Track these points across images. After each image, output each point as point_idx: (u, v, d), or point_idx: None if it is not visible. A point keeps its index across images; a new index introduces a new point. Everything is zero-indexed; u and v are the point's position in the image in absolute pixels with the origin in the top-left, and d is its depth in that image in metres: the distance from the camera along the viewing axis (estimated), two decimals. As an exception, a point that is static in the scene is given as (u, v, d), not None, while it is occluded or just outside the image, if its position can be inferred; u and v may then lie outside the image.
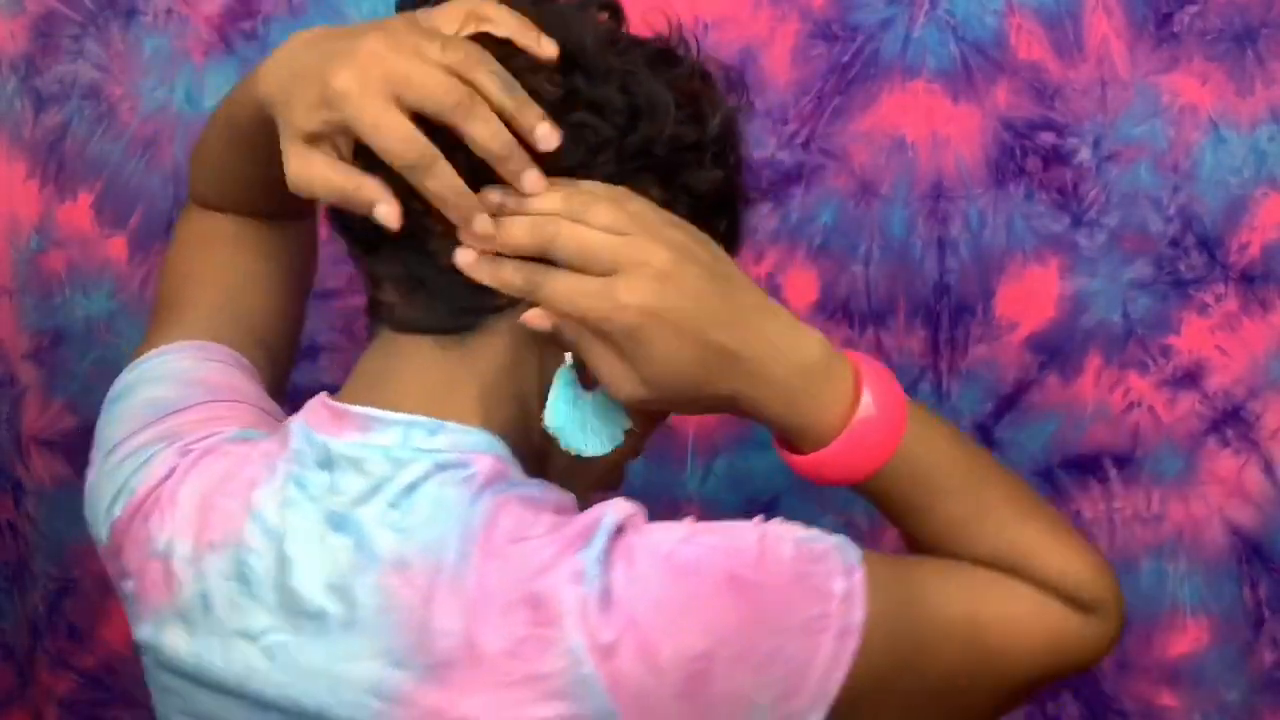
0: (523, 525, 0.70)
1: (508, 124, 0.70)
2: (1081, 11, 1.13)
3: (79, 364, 1.19)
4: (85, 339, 1.18)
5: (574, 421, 0.75)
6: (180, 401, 0.82)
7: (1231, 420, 1.18)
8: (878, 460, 0.76)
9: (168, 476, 0.78)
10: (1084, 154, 1.15)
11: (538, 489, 0.74)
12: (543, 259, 0.72)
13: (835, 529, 1.24)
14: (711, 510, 1.19)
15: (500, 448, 0.74)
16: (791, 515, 1.22)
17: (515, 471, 0.74)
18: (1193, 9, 1.14)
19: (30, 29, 1.13)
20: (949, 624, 0.75)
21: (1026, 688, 0.79)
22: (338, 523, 0.72)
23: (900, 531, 0.83)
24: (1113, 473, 1.19)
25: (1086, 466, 1.19)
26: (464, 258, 0.72)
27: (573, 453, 0.76)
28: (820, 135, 1.14)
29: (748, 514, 1.21)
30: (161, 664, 0.79)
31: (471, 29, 0.73)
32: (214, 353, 0.86)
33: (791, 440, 0.77)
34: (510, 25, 0.73)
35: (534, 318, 0.72)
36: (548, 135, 0.71)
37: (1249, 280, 1.17)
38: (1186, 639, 1.21)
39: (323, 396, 0.78)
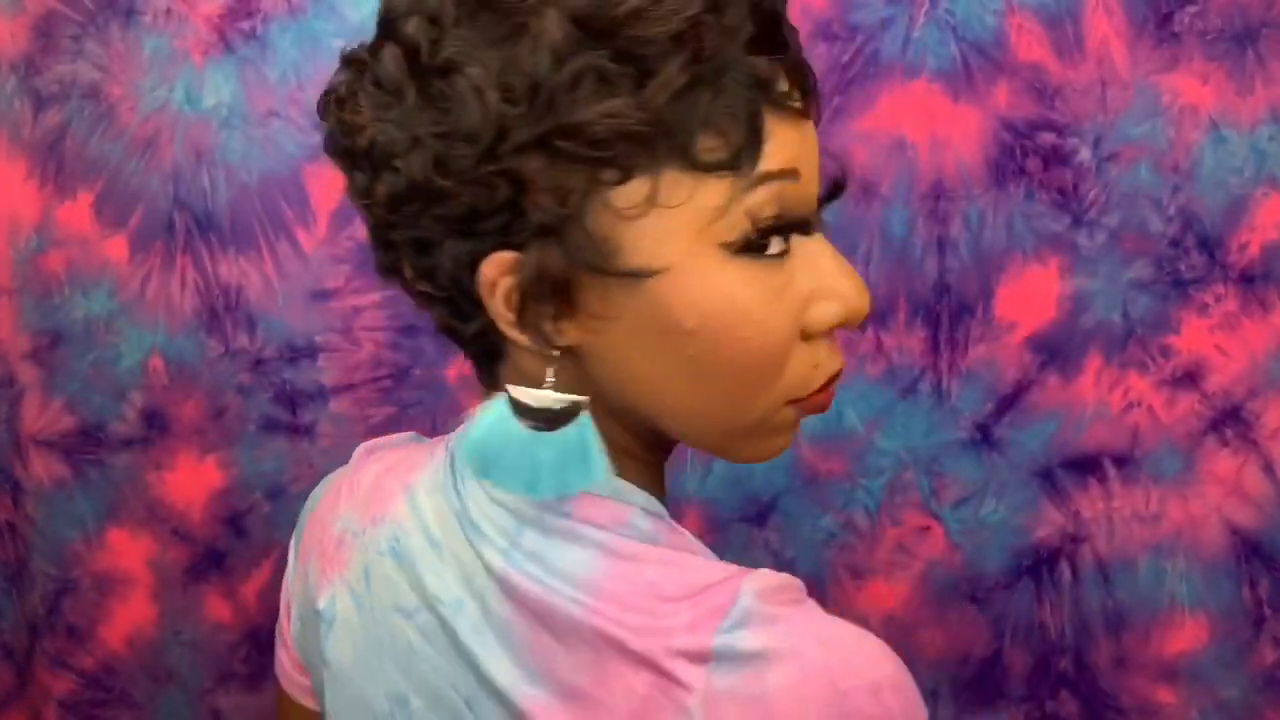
0: (656, 581, 0.67)
1: None
2: (1081, 11, 1.13)
3: (78, 364, 1.19)
4: (84, 339, 1.18)
5: None
6: None
7: (1231, 420, 1.18)
8: None
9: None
10: (1084, 154, 1.15)
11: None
12: None
13: (835, 529, 1.25)
14: (711, 510, 1.19)
15: None
16: (791, 515, 1.22)
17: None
18: (1193, 9, 1.14)
19: (30, 29, 1.13)
20: None
21: None
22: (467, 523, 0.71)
23: None
24: (1112, 472, 1.20)
25: (1086, 466, 1.20)
26: None
27: None
28: (820, 135, 1.14)
29: (747, 514, 1.22)
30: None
31: None
32: None
33: None
34: None
35: None
36: None
37: (1249, 280, 1.17)
38: (1185, 637, 1.21)
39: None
